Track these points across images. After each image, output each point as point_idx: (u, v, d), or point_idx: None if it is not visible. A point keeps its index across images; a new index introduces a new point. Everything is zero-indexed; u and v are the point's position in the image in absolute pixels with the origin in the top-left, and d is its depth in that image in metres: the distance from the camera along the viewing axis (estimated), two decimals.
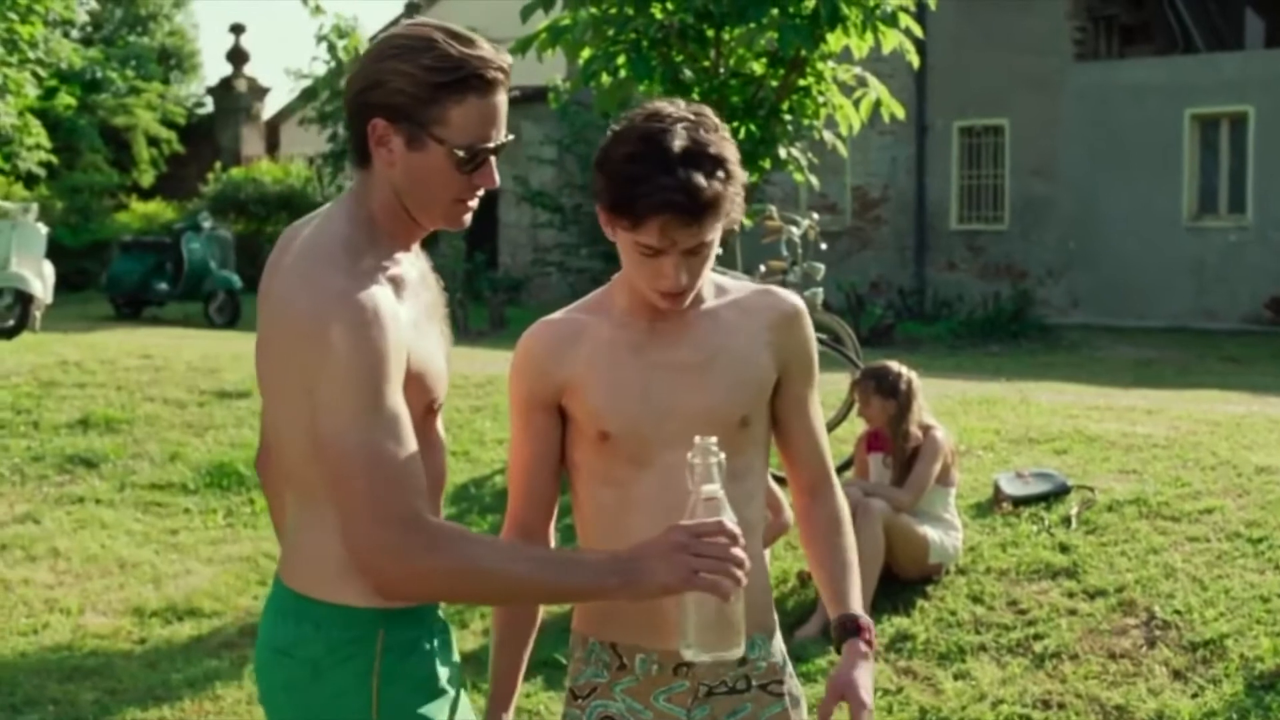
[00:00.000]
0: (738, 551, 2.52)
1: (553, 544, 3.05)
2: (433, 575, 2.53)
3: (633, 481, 2.88)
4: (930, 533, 7.25)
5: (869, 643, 2.89)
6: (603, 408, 2.88)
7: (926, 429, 7.46)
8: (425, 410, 2.69)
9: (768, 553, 2.96)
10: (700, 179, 2.69)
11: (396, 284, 2.67)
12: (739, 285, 3.01)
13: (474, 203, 2.78)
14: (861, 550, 7.04)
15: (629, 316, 2.93)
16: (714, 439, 2.59)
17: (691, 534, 2.52)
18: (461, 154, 2.68)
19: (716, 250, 2.86)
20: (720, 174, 2.73)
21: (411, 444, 2.55)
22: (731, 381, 2.89)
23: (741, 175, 2.81)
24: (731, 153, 2.78)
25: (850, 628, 2.90)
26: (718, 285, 2.98)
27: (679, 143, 2.71)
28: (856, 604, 2.94)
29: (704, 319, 2.92)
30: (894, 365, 7.67)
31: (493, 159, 2.73)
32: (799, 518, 3.10)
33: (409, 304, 2.68)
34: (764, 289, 3.01)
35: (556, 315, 3.00)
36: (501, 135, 2.72)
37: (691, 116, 2.77)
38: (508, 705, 3.06)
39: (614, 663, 2.93)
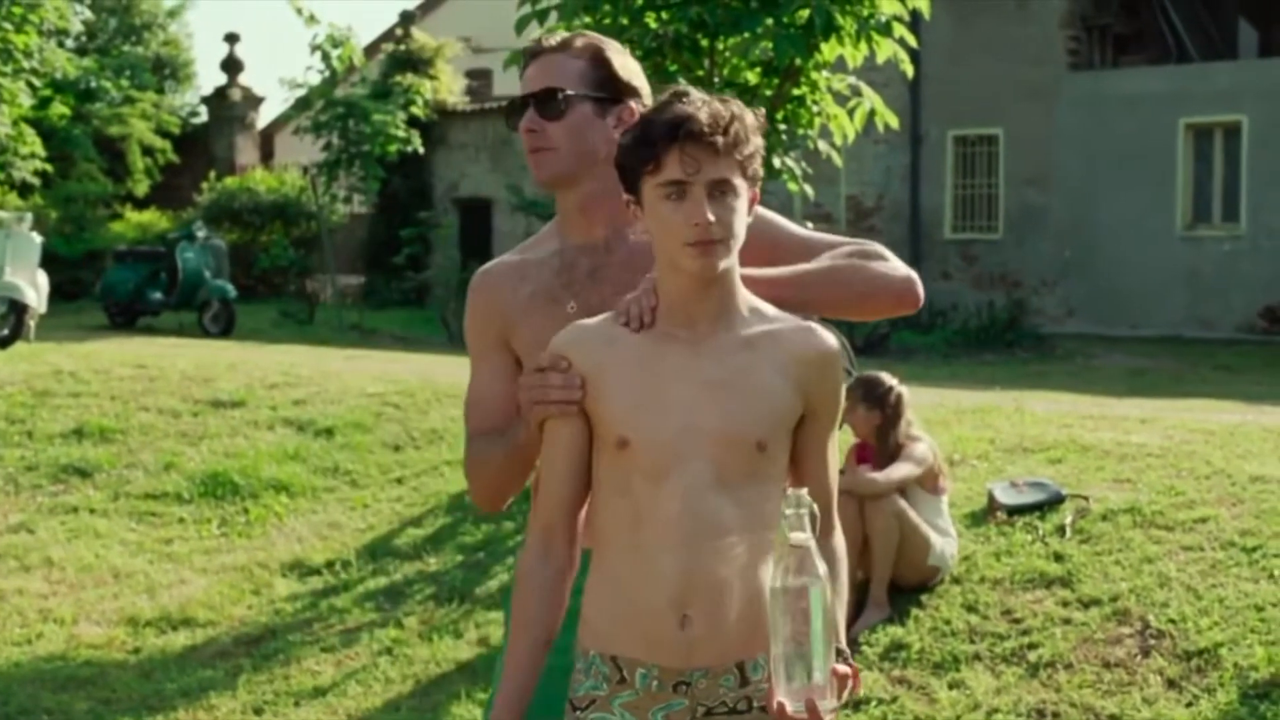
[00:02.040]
0: (568, 385, 2.92)
1: (578, 541, 3.04)
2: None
3: (648, 495, 2.88)
4: (931, 534, 7.27)
5: (854, 687, 2.84)
6: (623, 413, 2.90)
7: (913, 440, 7.47)
8: None
9: None
10: (717, 104, 2.86)
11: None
12: (780, 315, 3.01)
13: (531, 149, 3.29)
14: (876, 538, 7.12)
15: (663, 327, 2.94)
16: (805, 490, 2.75)
17: (533, 368, 3.00)
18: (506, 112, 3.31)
19: (745, 212, 2.90)
20: (733, 106, 2.88)
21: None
22: (752, 403, 2.89)
23: (759, 129, 2.91)
24: (751, 117, 2.91)
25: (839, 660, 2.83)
26: (755, 309, 2.98)
27: (697, 93, 2.89)
28: (842, 637, 2.89)
29: (734, 338, 2.93)
30: (885, 378, 7.68)
31: (531, 110, 3.26)
32: None
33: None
34: (805, 325, 3.00)
35: (588, 320, 3.04)
36: (530, 89, 3.26)
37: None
38: (522, 707, 2.99)
39: (614, 676, 2.91)
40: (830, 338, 3.01)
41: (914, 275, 3.42)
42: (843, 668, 2.77)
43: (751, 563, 2.84)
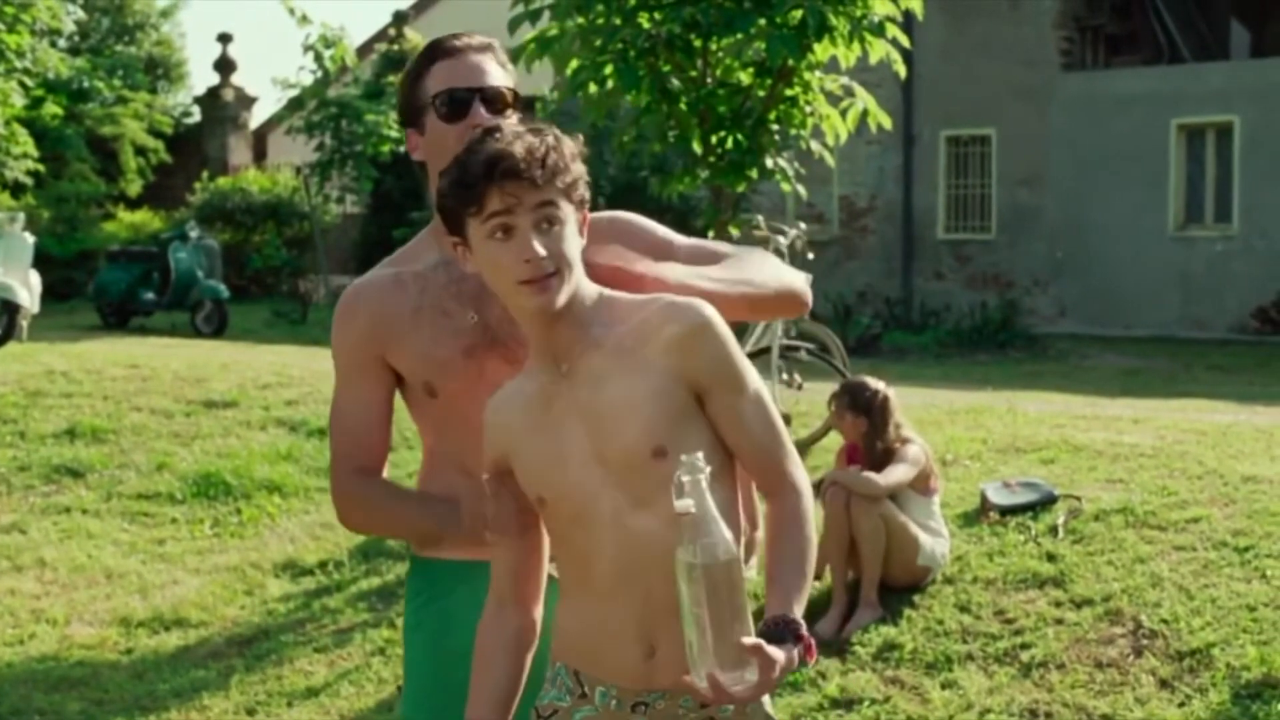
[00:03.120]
0: (501, 515, 2.91)
1: (539, 597, 3.04)
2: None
3: (583, 539, 2.83)
4: (920, 534, 7.28)
5: (804, 659, 2.68)
6: (532, 476, 2.86)
7: (904, 441, 7.48)
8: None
9: (751, 569, 2.88)
10: (527, 136, 2.76)
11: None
12: (635, 304, 2.85)
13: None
14: (863, 538, 7.12)
15: (534, 364, 2.88)
16: (699, 454, 2.59)
17: (472, 495, 3.02)
18: (440, 102, 3.18)
19: (577, 237, 2.80)
20: (549, 137, 2.78)
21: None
22: (627, 417, 2.77)
23: (578, 155, 2.82)
24: (568, 140, 2.83)
25: (783, 630, 2.67)
26: (608, 309, 2.85)
27: (508, 127, 2.81)
28: (796, 608, 2.72)
29: (597, 357, 2.81)
30: (871, 382, 7.68)
31: (480, 104, 3.16)
32: (765, 515, 2.93)
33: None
34: (667, 302, 2.82)
35: (507, 384, 2.96)
36: (466, 82, 3.18)
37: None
38: None
39: (576, 690, 2.89)
40: (693, 306, 2.81)
41: (801, 279, 3.28)
42: (749, 640, 2.54)
43: None
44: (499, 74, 3.24)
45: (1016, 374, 16.89)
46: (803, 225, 10.83)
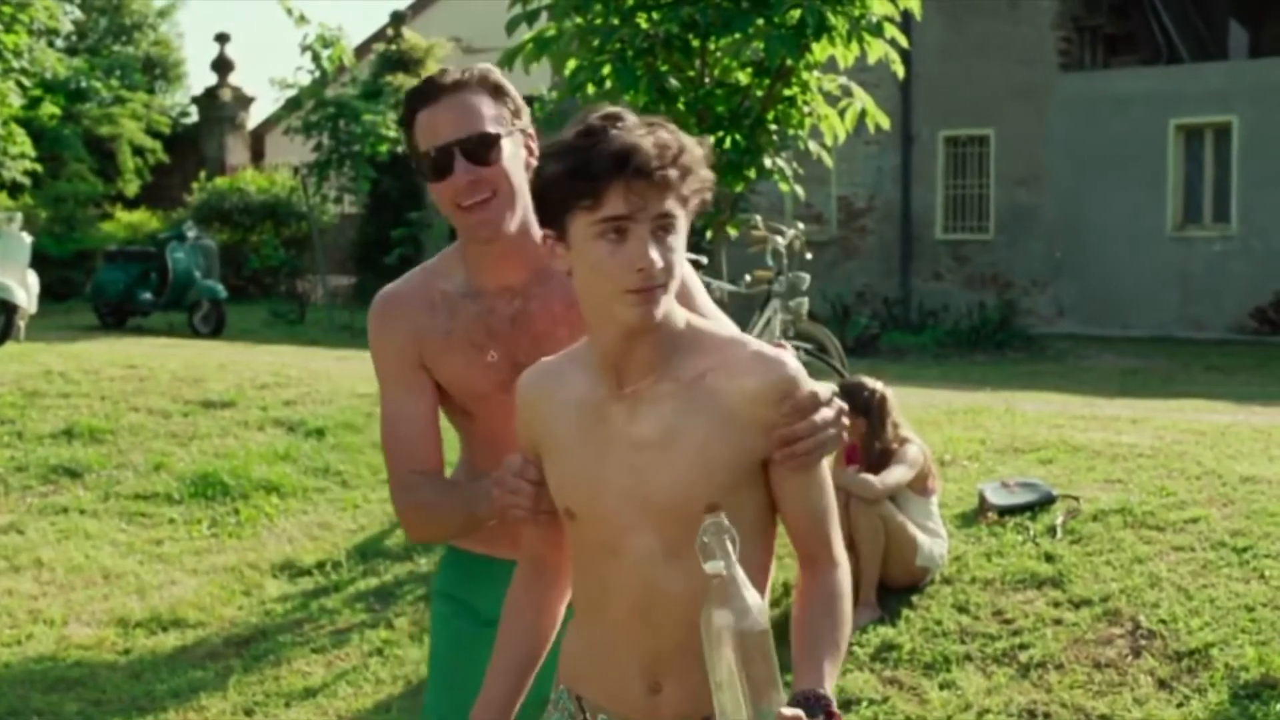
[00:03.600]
0: (539, 495, 2.79)
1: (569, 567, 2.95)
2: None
3: (602, 567, 2.71)
4: (918, 534, 7.27)
5: None
6: (564, 485, 2.73)
7: (903, 442, 7.47)
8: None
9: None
10: (661, 132, 2.57)
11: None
12: (724, 342, 2.71)
13: (472, 203, 3.07)
14: (862, 539, 7.12)
15: (595, 370, 2.70)
16: (722, 515, 2.48)
17: (504, 472, 2.83)
18: (424, 164, 3.12)
19: (686, 255, 2.67)
20: (683, 139, 2.60)
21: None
22: (693, 464, 2.62)
23: (707, 161, 2.63)
24: (692, 141, 2.64)
25: (814, 705, 2.55)
26: (699, 340, 2.70)
27: (631, 116, 2.61)
28: (828, 682, 2.61)
29: (669, 389, 2.65)
30: (868, 382, 7.67)
31: (460, 158, 3.05)
32: (795, 587, 2.79)
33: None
34: (754, 352, 2.67)
35: (548, 359, 2.84)
36: (444, 137, 3.08)
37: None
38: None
39: (578, 715, 2.83)
40: (788, 362, 2.68)
41: None
42: (790, 711, 2.44)
43: None
44: (482, 111, 3.11)
45: (1015, 374, 16.89)
46: (801, 225, 10.82)
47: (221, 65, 30.61)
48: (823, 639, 2.67)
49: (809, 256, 10.54)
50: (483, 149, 3.08)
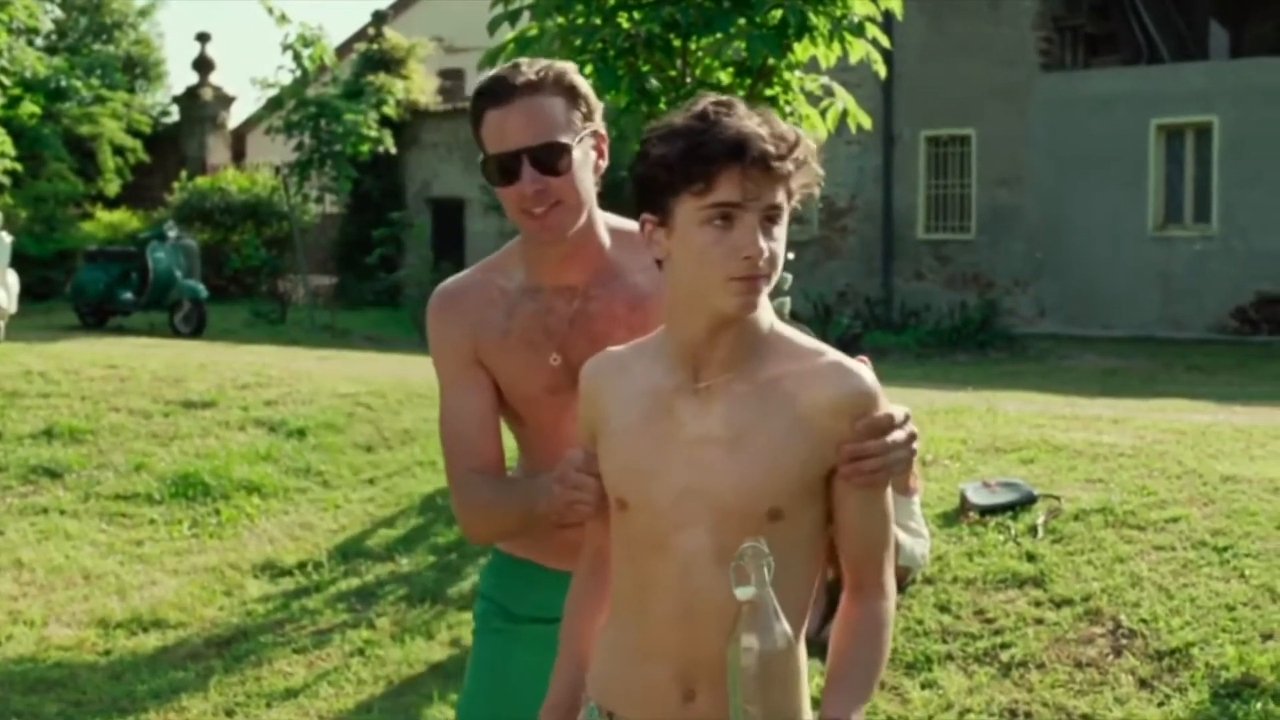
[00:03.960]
0: (587, 486, 2.77)
1: None
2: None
3: (649, 564, 2.64)
4: (900, 534, 7.27)
5: None
6: (620, 473, 2.68)
7: None
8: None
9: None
10: (778, 123, 2.57)
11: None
12: (806, 350, 2.67)
13: (539, 210, 3.03)
14: None
15: (669, 362, 2.67)
16: (762, 541, 2.48)
17: (566, 467, 2.81)
18: (490, 167, 3.05)
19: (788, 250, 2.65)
20: (799, 134, 2.58)
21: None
22: (760, 466, 2.57)
23: (817, 154, 2.63)
24: (805, 134, 2.63)
25: None
26: (781, 344, 2.67)
27: (743, 106, 2.60)
28: (857, 716, 2.60)
29: (747, 387, 2.62)
30: None
31: (529, 165, 3.00)
32: (839, 611, 2.75)
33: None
34: (834, 363, 2.63)
35: (616, 348, 2.81)
36: (513, 142, 3.00)
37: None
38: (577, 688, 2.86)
39: None
40: (866, 376, 2.64)
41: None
42: None
43: None
44: (554, 119, 3.03)
45: (996, 374, 16.92)
46: None
47: (202, 64, 30.56)
48: (856, 668, 2.65)
49: (791, 256, 10.50)
50: (552, 158, 3.01)
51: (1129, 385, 15.38)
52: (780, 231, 2.57)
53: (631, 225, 2.91)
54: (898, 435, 2.63)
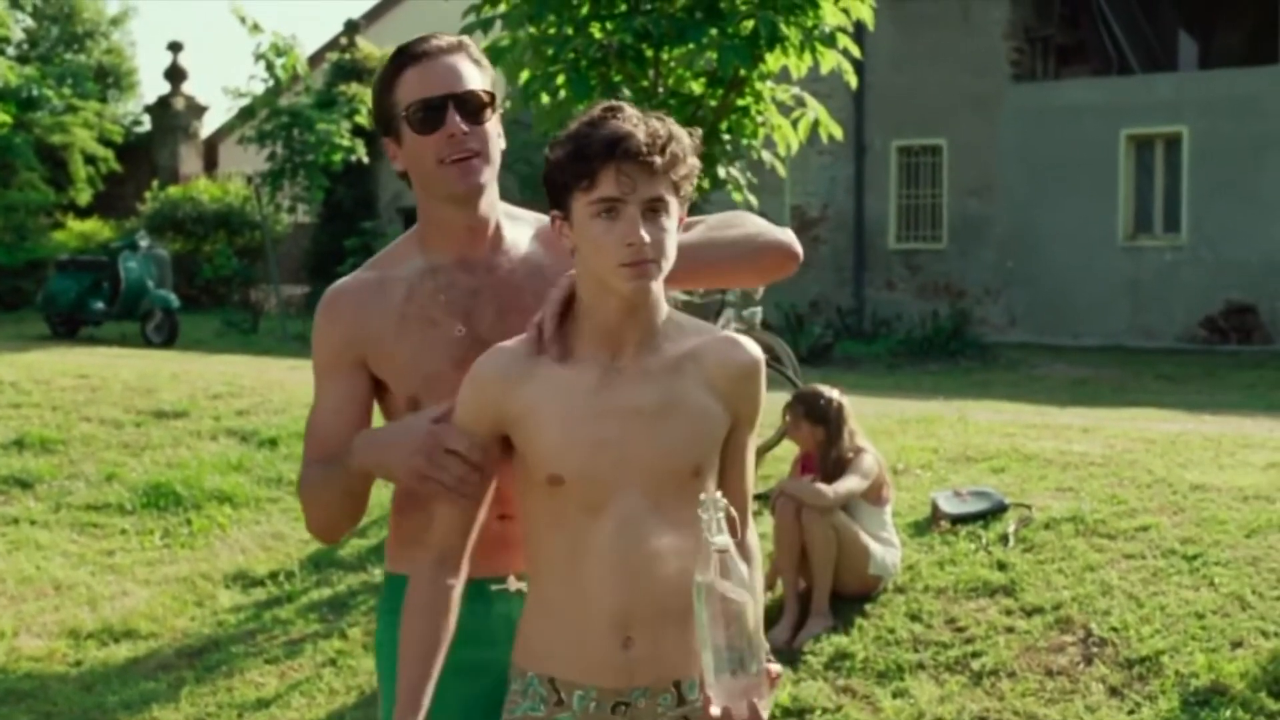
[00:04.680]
0: (469, 477, 2.86)
1: (464, 568, 2.98)
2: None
3: (585, 529, 2.84)
4: (871, 543, 7.29)
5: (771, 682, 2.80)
6: (555, 450, 2.83)
7: (858, 451, 7.49)
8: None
9: None
10: (654, 123, 2.79)
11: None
12: (699, 328, 2.97)
13: (460, 156, 3.04)
14: (814, 548, 7.14)
15: (585, 352, 2.88)
16: (719, 494, 2.74)
17: (436, 443, 2.86)
18: (413, 113, 3.05)
19: (676, 233, 2.83)
20: (670, 126, 2.82)
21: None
22: (687, 432, 2.86)
23: (694, 150, 2.85)
24: (681, 131, 2.84)
25: None
26: (675, 324, 2.93)
27: (631, 110, 2.82)
28: None
29: (659, 361, 2.88)
30: (825, 390, 7.69)
31: (453, 111, 3.04)
32: None
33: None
34: (727, 337, 2.97)
35: (509, 343, 2.93)
36: (438, 89, 3.05)
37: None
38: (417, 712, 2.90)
39: (551, 698, 2.88)
40: (753, 347, 2.97)
41: (789, 232, 3.36)
42: (774, 666, 2.77)
43: (689, 581, 2.74)
44: (474, 75, 3.12)
45: (967, 383, 16.96)
46: None
47: (174, 74, 30.49)
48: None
49: None
50: (476, 106, 3.08)
51: (1099, 394, 15.43)
52: (667, 221, 2.80)
53: (513, 208, 3.23)
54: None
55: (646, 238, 2.75)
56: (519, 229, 3.21)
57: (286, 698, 7.17)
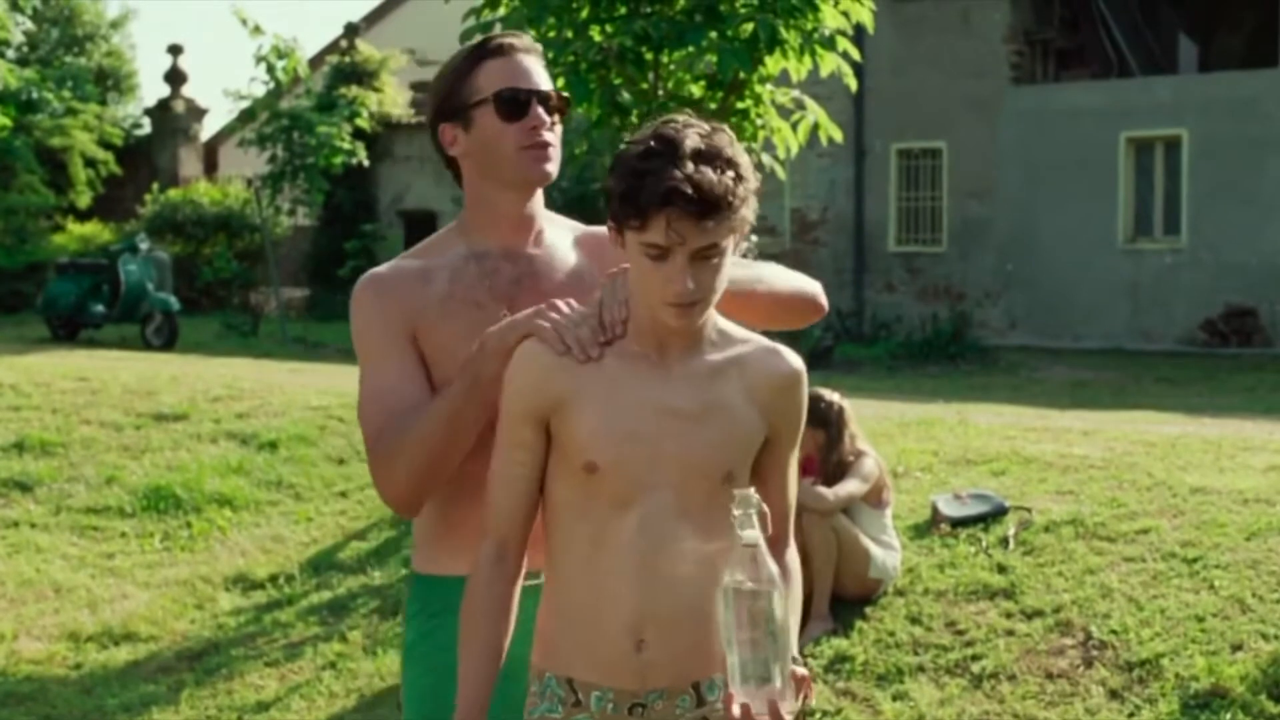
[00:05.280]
0: (585, 331, 2.86)
1: (524, 563, 2.94)
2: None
3: (610, 522, 2.83)
4: (871, 546, 7.29)
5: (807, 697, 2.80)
6: (594, 437, 2.82)
7: (859, 454, 7.49)
8: None
9: None
10: (709, 173, 2.71)
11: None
12: (745, 335, 2.97)
13: (542, 141, 3.14)
14: (815, 551, 7.14)
15: (633, 346, 2.88)
16: (752, 490, 2.74)
17: (569, 306, 2.90)
18: (502, 99, 3.12)
19: (728, 266, 2.82)
20: (730, 174, 2.74)
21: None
22: (723, 436, 2.85)
23: (754, 185, 2.80)
24: (745, 160, 2.79)
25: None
26: (722, 331, 2.94)
27: (691, 142, 2.74)
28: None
29: (703, 364, 2.88)
30: (826, 394, 7.68)
31: (537, 105, 3.13)
32: None
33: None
34: (771, 347, 2.95)
35: None
36: (526, 83, 3.14)
37: (707, 126, 2.80)
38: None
39: (569, 699, 2.87)
40: (796, 360, 2.97)
41: (818, 285, 3.41)
42: (801, 670, 2.74)
43: (708, 586, 2.76)
44: (547, 78, 3.23)
45: (967, 386, 16.96)
46: (754, 237, 10.83)
47: (175, 77, 30.48)
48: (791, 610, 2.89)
49: None
50: (555, 107, 3.20)
51: (1099, 397, 15.43)
52: (719, 263, 2.79)
53: (551, 213, 3.29)
54: None
55: (692, 285, 2.75)
56: (558, 231, 3.27)
57: (286, 700, 7.17)
